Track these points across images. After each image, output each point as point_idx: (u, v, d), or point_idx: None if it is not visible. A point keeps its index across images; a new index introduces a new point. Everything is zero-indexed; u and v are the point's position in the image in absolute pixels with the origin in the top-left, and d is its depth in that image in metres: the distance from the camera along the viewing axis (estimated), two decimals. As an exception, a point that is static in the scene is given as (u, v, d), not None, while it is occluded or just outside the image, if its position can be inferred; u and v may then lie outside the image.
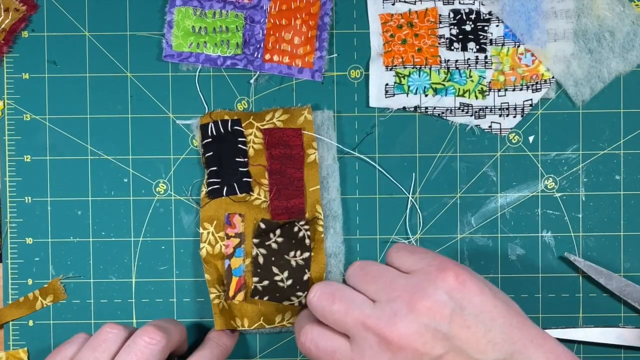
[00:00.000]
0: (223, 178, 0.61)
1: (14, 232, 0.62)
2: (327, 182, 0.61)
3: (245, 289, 0.60)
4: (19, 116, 0.62)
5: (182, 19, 0.61)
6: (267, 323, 0.60)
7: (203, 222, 0.61)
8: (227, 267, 0.60)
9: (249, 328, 0.60)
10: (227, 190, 0.60)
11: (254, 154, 0.61)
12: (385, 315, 0.50)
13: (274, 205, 0.60)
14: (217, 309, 0.60)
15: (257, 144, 0.61)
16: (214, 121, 0.61)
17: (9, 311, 0.62)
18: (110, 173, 0.62)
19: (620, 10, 0.61)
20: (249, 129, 0.61)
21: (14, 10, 0.61)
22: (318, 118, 0.62)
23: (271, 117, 0.61)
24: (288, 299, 0.60)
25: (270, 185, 0.61)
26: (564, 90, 0.62)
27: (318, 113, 0.62)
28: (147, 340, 0.55)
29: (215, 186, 0.61)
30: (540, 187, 0.62)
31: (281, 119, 0.61)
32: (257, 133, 0.61)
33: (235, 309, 0.60)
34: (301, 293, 0.59)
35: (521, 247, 0.62)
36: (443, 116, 0.62)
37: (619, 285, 0.61)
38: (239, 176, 0.61)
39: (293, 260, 0.60)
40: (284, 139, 0.61)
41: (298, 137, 0.61)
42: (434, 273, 0.51)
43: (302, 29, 0.61)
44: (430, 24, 0.62)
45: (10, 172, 0.62)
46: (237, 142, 0.61)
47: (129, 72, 0.62)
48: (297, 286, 0.59)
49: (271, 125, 0.61)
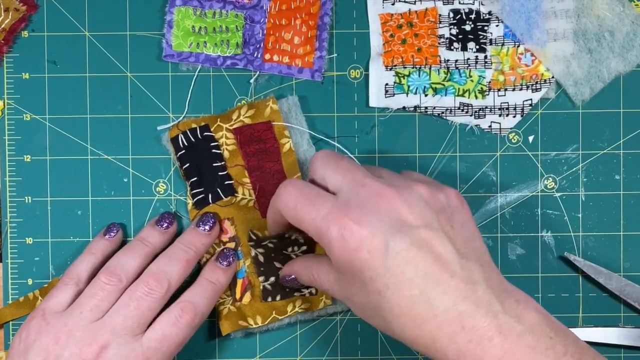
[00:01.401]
0: (205, 186, 0.60)
1: (14, 232, 0.62)
2: (307, 167, 0.61)
3: (251, 288, 0.60)
4: (19, 116, 0.62)
5: (182, 19, 0.61)
6: (279, 315, 0.60)
7: None
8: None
9: (264, 324, 0.60)
10: (212, 197, 0.60)
11: (230, 155, 0.61)
12: (388, 182, 0.50)
13: (261, 202, 0.60)
14: (221, 314, 0.60)
15: (230, 145, 0.61)
16: (182, 132, 0.61)
17: (9, 311, 0.62)
18: (110, 173, 0.62)
19: (620, 10, 0.61)
20: (219, 131, 0.61)
21: (14, 10, 0.61)
22: (284, 106, 0.61)
23: (238, 116, 0.61)
24: (298, 291, 0.60)
25: (252, 184, 0.61)
26: (563, 90, 0.62)
27: (283, 101, 0.61)
28: (145, 290, 0.55)
29: (200, 196, 0.61)
30: (540, 187, 0.62)
31: (248, 115, 0.61)
32: (227, 134, 0.61)
33: (246, 310, 0.60)
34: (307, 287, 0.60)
35: (521, 246, 0.62)
36: (443, 116, 0.62)
37: (618, 285, 0.61)
38: (220, 181, 0.61)
39: (292, 254, 0.60)
40: (255, 135, 0.61)
41: (269, 130, 0.61)
42: (439, 185, 0.52)
43: (302, 28, 0.61)
44: (430, 23, 0.62)
45: (10, 172, 0.62)
46: (210, 147, 0.61)
47: (129, 72, 0.62)
48: None
49: (240, 124, 0.61)
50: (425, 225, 0.48)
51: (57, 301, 0.56)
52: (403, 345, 0.62)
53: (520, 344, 0.46)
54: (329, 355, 0.63)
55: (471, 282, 0.47)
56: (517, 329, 0.46)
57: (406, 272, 0.47)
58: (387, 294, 0.47)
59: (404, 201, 0.49)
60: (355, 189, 0.50)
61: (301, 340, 0.63)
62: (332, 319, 0.63)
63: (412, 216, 0.48)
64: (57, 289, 0.57)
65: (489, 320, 0.46)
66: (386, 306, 0.48)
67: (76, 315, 0.55)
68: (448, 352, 0.47)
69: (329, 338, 0.63)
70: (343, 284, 0.51)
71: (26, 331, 0.55)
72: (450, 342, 0.47)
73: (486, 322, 0.46)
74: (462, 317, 0.46)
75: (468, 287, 0.47)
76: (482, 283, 0.48)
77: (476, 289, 0.47)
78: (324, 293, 0.60)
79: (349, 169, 0.52)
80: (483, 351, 0.46)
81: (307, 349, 0.63)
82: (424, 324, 0.47)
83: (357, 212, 0.49)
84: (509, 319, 0.47)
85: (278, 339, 0.63)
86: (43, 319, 0.55)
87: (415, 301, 0.47)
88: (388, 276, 0.47)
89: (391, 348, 0.62)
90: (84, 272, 0.58)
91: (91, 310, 0.55)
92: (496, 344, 0.46)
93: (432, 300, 0.47)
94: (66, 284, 0.57)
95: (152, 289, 0.55)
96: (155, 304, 0.55)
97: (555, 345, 0.46)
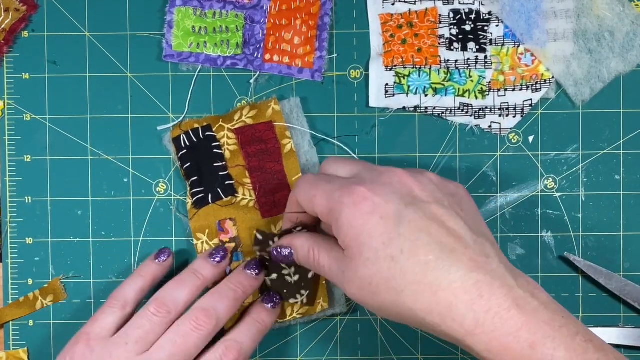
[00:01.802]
0: (206, 186, 0.60)
1: (14, 232, 0.62)
2: (308, 169, 0.61)
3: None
4: (19, 116, 0.62)
5: (182, 19, 0.61)
6: (279, 318, 0.60)
7: (195, 233, 0.61)
8: (228, 272, 0.60)
9: None
10: (212, 197, 0.60)
11: (231, 155, 0.61)
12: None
13: (261, 203, 0.60)
14: None
15: (231, 146, 0.61)
16: (184, 132, 0.61)
17: (9, 311, 0.62)
18: (110, 173, 0.62)
19: (620, 10, 0.61)
20: (221, 132, 0.61)
21: (14, 10, 0.61)
22: (286, 107, 0.62)
23: (240, 116, 0.61)
24: (294, 297, 0.60)
25: (253, 184, 0.61)
26: (563, 90, 0.62)
27: (285, 102, 0.62)
28: (194, 325, 0.54)
29: (199, 195, 0.60)
30: (540, 187, 0.62)
31: (250, 116, 0.61)
32: (229, 135, 0.61)
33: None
34: (304, 291, 0.59)
35: (521, 247, 0.62)
36: (443, 116, 0.62)
37: (618, 285, 0.61)
38: (220, 181, 0.61)
39: None
40: (257, 135, 0.61)
41: (270, 130, 0.61)
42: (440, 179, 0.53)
43: (302, 29, 0.61)
44: (430, 24, 0.62)
45: (10, 172, 0.62)
46: (211, 147, 0.61)
47: (129, 72, 0.62)
48: (302, 283, 0.59)
49: (241, 124, 0.61)
50: (437, 202, 0.49)
51: (102, 325, 0.55)
52: (403, 345, 0.62)
53: (537, 318, 0.46)
54: (329, 355, 0.63)
55: (485, 255, 0.47)
56: (533, 304, 0.46)
57: (421, 238, 0.47)
58: (402, 259, 0.47)
59: (416, 181, 0.50)
60: (368, 170, 0.52)
61: (301, 340, 0.63)
62: (332, 319, 0.63)
63: (424, 194, 0.49)
64: (102, 312, 0.56)
65: (505, 291, 0.46)
66: (399, 273, 0.47)
67: (122, 346, 0.53)
68: (465, 320, 0.46)
69: (329, 338, 0.63)
70: (345, 260, 0.50)
71: (70, 356, 0.54)
72: (468, 310, 0.46)
73: (503, 293, 0.46)
74: (480, 286, 0.46)
75: (482, 260, 0.47)
76: (495, 257, 0.48)
77: (490, 262, 0.47)
78: (320, 297, 0.60)
79: (359, 162, 0.54)
80: (501, 322, 0.46)
81: (307, 349, 0.63)
82: (440, 290, 0.46)
83: (370, 184, 0.49)
84: (524, 293, 0.46)
85: (278, 339, 0.63)
86: (88, 346, 0.54)
87: (430, 267, 0.46)
88: (402, 240, 0.47)
89: (391, 348, 0.63)
90: (131, 295, 0.57)
91: (137, 342, 0.54)
92: (514, 316, 0.46)
93: (449, 266, 0.46)
94: (112, 306, 0.56)
95: (201, 325, 0.54)
96: (202, 340, 0.54)
97: (568, 325, 0.46)
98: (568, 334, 0.46)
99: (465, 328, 0.46)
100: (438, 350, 0.62)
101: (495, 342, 0.46)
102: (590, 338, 0.46)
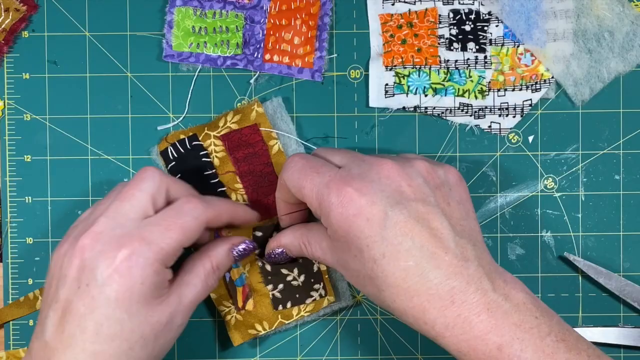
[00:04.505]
0: None
1: (14, 232, 0.62)
2: None
3: (253, 295, 0.60)
4: (19, 116, 0.62)
5: (182, 19, 0.61)
6: (286, 319, 0.60)
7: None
8: (228, 280, 0.60)
9: (271, 330, 0.60)
10: None
11: (220, 162, 0.61)
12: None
13: (255, 206, 0.60)
14: (229, 324, 0.60)
15: (219, 153, 0.61)
16: (171, 144, 0.61)
17: (9, 311, 0.62)
18: (110, 173, 0.62)
19: (619, 10, 0.61)
20: (207, 140, 0.61)
21: (14, 10, 0.61)
22: (269, 108, 0.62)
23: (224, 123, 0.61)
24: (309, 296, 0.60)
25: (245, 188, 0.61)
26: (563, 90, 0.62)
27: (268, 103, 0.62)
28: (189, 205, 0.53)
29: None
30: (539, 187, 0.62)
31: (234, 121, 0.61)
32: (215, 142, 0.61)
33: (251, 317, 0.60)
34: (318, 285, 0.59)
35: (521, 246, 0.62)
36: (443, 116, 0.62)
37: (618, 285, 0.61)
38: (212, 189, 0.60)
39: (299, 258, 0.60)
40: (243, 140, 0.61)
41: (256, 133, 0.61)
42: (438, 162, 0.54)
43: (302, 29, 0.62)
44: (430, 24, 0.62)
45: (10, 172, 0.62)
46: (199, 157, 0.61)
47: (129, 72, 0.62)
48: (311, 279, 0.59)
49: (227, 130, 0.61)
50: (422, 200, 0.50)
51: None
52: (403, 345, 0.62)
53: (506, 321, 0.47)
54: (329, 355, 0.63)
55: (464, 259, 0.49)
56: (504, 307, 0.48)
57: (403, 243, 0.48)
58: (383, 263, 0.49)
59: (404, 174, 0.51)
60: (357, 162, 0.52)
61: (301, 340, 0.63)
62: (332, 319, 0.63)
63: (410, 189, 0.50)
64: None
65: (478, 296, 0.48)
66: (380, 275, 0.49)
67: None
68: (436, 324, 0.48)
69: (329, 338, 0.63)
70: (337, 251, 0.52)
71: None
72: (440, 315, 0.48)
73: (475, 299, 0.48)
74: (453, 292, 0.48)
75: (461, 264, 0.48)
76: (474, 261, 0.49)
77: (468, 266, 0.49)
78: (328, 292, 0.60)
79: (348, 151, 0.55)
80: (470, 326, 0.47)
81: (307, 349, 0.63)
82: (416, 296, 0.48)
83: (358, 181, 0.50)
84: (497, 297, 0.48)
85: (278, 339, 0.63)
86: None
87: (409, 272, 0.48)
88: (385, 244, 0.49)
89: (391, 348, 0.63)
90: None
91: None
92: (483, 320, 0.47)
93: (426, 273, 0.48)
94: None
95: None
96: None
97: (539, 325, 0.48)
98: (538, 334, 0.47)
99: (436, 330, 0.48)
100: (438, 350, 0.62)
101: (464, 344, 0.48)
102: (564, 337, 0.48)
